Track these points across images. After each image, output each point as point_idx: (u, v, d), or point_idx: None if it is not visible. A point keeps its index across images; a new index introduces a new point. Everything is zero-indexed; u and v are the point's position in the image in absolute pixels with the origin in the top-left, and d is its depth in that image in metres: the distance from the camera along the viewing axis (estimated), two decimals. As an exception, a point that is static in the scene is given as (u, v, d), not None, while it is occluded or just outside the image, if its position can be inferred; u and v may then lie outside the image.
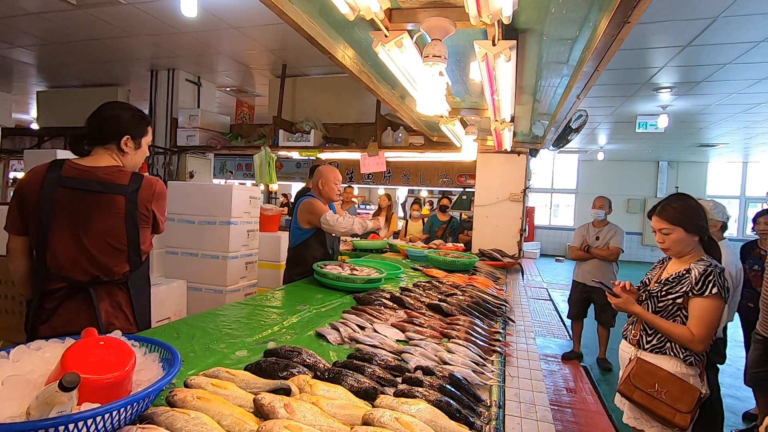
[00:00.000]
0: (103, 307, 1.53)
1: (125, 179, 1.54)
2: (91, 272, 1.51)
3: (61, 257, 1.48)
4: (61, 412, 0.74)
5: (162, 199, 1.65)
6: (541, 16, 1.79)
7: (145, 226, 1.60)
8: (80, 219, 1.48)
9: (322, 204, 2.84)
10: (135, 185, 1.55)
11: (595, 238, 4.16)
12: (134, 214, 1.54)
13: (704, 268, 1.74)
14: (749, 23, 3.44)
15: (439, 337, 1.67)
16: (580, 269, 4.28)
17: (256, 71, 5.59)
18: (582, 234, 4.27)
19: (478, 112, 3.18)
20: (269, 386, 1.10)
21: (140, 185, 1.56)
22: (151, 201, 1.59)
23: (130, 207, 1.53)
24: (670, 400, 1.70)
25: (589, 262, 4.16)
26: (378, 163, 4.86)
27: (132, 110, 1.62)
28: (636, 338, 1.90)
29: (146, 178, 1.60)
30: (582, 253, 4.17)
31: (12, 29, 4.46)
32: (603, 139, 9.42)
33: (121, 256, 1.55)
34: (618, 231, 4.12)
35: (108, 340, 0.93)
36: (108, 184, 1.50)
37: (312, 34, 1.83)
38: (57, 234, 1.47)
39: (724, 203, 2.99)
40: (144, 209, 1.57)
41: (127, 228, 1.53)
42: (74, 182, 1.48)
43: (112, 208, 1.50)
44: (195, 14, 3.33)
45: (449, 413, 1.05)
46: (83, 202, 1.48)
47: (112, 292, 1.56)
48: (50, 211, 1.46)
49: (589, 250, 4.12)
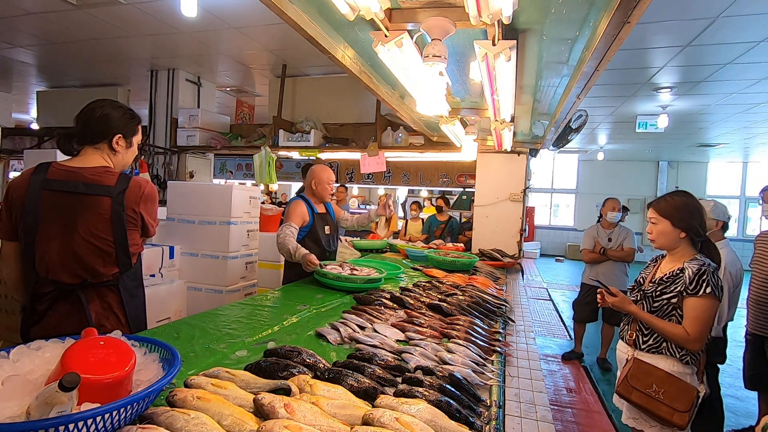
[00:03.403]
0: (93, 308, 1.51)
1: (112, 180, 1.51)
2: (79, 274, 1.49)
3: (49, 260, 1.46)
4: (61, 412, 0.74)
5: (150, 202, 1.60)
6: (541, 16, 1.79)
7: (133, 228, 1.56)
8: (66, 221, 1.46)
9: (300, 209, 2.82)
10: (122, 186, 1.52)
11: (607, 240, 4.09)
12: (121, 215, 1.50)
13: (698, 267, 1.75)
14: (749, 23, 3.43)
15: (439, 337, 1.67)
16: (593, 271, 4.15)
17: (256, 71, 5.59)
18: (593, 236, 4.18)
19: (478, 112, 3.18)
20: (269, 386, 1.10)
21: (127, 186, 1.52)
22: (139, 203, 1.55)
23: (117, 208, 1.50)
24: (668, 400, 1.70)
25: (604, 264, 4.07)
26: (378, 163, 4.85)
27: (123, 108, 1.60)
28: (632, 338, 1.91)
29: (134, 180, 1.56)
30: (597, 256, 4.08)
31: (12, 29, 4.46)
32: (603, 139, 9.42)
33: (109, 258, 1.52)
34: (630, 232, 4.10)
35: (108, 340, 0.93)
36: (93, 186, 1.48)
37: (312, 34, 1.83)
38: (44, 237, 1.46)
39: (724, 203, 2.99)
40: (131, 211, 1.53)
41: (113, 229, 1.50)
42: (59, 184, 1.46)
43: (98, 209, 1.48)
44: (195, 14, 3.33)
45: (449, 413, 1.05)
46: (68, 204, 1.47)
47: (102, 293, 1.54)
48: (36, 215, 1.45)
49: (605, 252, 4.04)
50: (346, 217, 3.29)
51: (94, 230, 1.48)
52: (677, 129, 7.58)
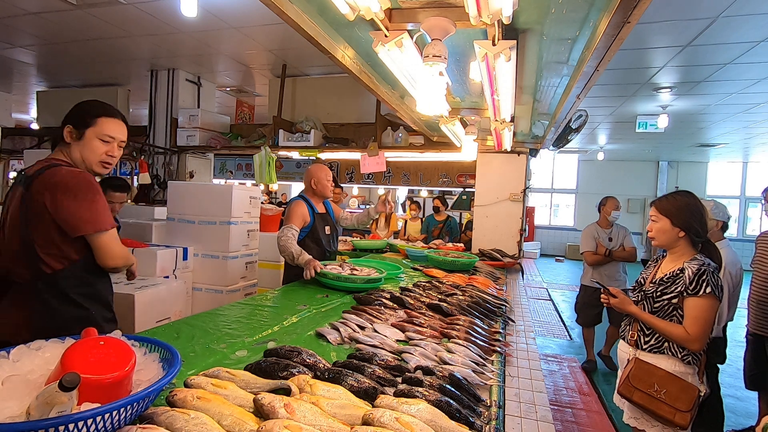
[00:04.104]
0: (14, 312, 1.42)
1: (34, 168, 1.40)
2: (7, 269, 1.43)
3: None
4: (61, 412, 0.74)
5: (62, 192, 1.35)
6: (541, 16, 1.79)
7: (39, 222, 1.37)
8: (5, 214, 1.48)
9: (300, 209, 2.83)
10: (36, 174, 1.37)
11: (608, 240, 3.99)
12: (27, 206, 1.37)
13: (698, 267, 1.75)
14: (749, 23, 3.43)
15: (439, 337, 1.67)
16: (597, 273, 4.02)
17: (256, 71, 5.59)
18: (593, 236, 4.05)
19: (478, 112, 3.18)
20: (269, 386, 1.10)
21: (41, 174, 1.37)
22: (44, 192, 1.35)
23: (26, 198, 1.37)
24: (670, 400, 1.70)
25: (608, 265, 3.98)
26: (378, 163, 4.85)
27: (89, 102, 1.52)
28: (634, 338, 1.91)
29: (52, 168, 1.38)
30: (602, 258, 3.96)
31: (12, 29, 4.45)
32: (603, 139, 9.42)
33: (19, 257, 1.40)
34: (627, 230, 4.05)
35: (108, 340, 0.93)
36: (22, 176, 1.44)
37: (312, 34, 1.83)
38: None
39: (724, 203, 2.99)
40: (36, 201, 1.36)
41: (20, 222, 1.38)
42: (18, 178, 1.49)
43: (14, 201, 1.43)
44: (195, 14, 3.33)
45: (449, 413, 1.05)
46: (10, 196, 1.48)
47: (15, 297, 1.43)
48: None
49: (611, 253, 3.93)
50: (345, 216, 3.29)
51: (10, 224, 1.44)
52: (677, 129, 7.58)
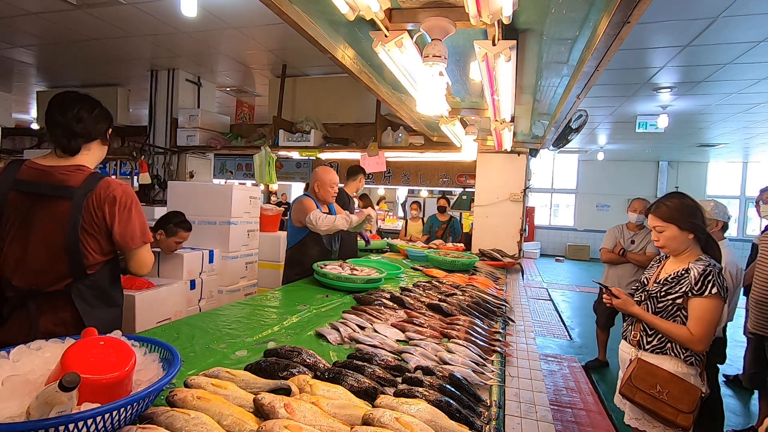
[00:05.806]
0: (43, 321, 1.43)
1: (79, 180, 1.43)
2: (29, 281, 1.43)
3: (7, 264, 1.43)
4: (61, 412, 0.74)
5: (118, 205, 1.46)
6: (541, 16, 1.79)
7: (92, 234, 1.45)
8: (25, 224, 1.42)
9: (312, 202, 2.83)
10: (87, 187, 1.42)
11: (630, 242, 3.90)
12: (77, 219, 1.41)
13: (703, 267, 1.73)
14: (749, 23, 3.43)
15: (439, 337, 1.67)
16: (613, 273, 3.93)
17: (256, 71, 5.59)
18: (615, 236, 3.98)
19: (478, 112, 3.18)
20: (269, 386, 1.10)
21: (94, 188, 1.43)
22: (103, 206, 1.44)
23: (74, 212, 1.40)
24: (672, 401, 1.69)
25: (622, 266, 3.88)
26: (378, 163, 4.86)
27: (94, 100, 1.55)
28: (636, 339, 1.90)
29: (104, 181, 1.46)
30: (615, 256, 3.89)
31: (12, 29, 4.46)
32: (603, 139, 9.41)
33: (59, 266, 1.43)
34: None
35: (108, 340, 0.93)
36: (58, 187, 1.41)
37: (312, 34, 1.83)
38: (8, 240, 1.43)
39: (725, 203, 2.99)
40: (91, 215, 1.43)
41: (66, 235, 1.41)
42: (26, 185, 1.42)
43: (55, 212, 1.41)
44: (195, 14, 3.33)
45: (449, 413, 1.05)
46: (31, 206, 1.42)
47: (55, 305, 1.45)
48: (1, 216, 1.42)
49: (625, 254, 3.84)
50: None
51: (48, 235, 1.42)
52: (677, 129, 7.58)
